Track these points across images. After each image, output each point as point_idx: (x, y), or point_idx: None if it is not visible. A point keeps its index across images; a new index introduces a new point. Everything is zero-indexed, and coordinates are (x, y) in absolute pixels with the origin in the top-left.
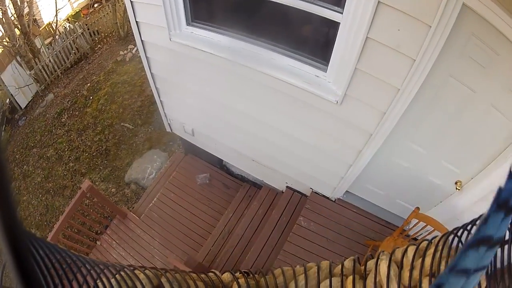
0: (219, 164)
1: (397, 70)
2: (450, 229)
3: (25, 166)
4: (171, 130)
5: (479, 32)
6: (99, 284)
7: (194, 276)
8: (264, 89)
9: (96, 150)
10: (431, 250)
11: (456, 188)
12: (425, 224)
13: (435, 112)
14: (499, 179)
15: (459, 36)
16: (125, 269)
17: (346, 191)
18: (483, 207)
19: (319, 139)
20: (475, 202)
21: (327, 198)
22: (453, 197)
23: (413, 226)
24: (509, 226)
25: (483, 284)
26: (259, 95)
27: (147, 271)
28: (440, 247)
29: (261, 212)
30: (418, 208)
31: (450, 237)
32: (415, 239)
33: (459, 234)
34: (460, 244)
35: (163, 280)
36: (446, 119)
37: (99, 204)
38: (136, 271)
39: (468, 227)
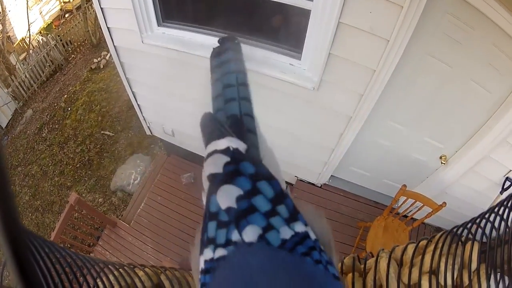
0: (203, 162)
1: (372, 52)
2: (439, 203)
3: (11, 186)
4: (151, 133)
5: (453, 9)
6: (99, 282)
7: None
8: None
9: (79, 162)
10: (431, 248)
11: (442, 163)
12: (414, 200)
13: (414, 90)
14: (484, 150)
15: (433, 15)
16: (125, 267)
17: (332, 175)
18: (471, 179)
19: (299, 127)
20: (462, 174)
21: (313, 184)
22: (439, 171)
23: (402, 204)
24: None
25: (483, 284)
26: None
27: (146, 269)
28: (440, 245)
29: None
30: (405, 186)
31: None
32: (406, 216)
33: (459, 232)
34: (460, 242)
35: (163, 277)
36: (426, 96)
37: (88, 216)
38: (136, 269)
39: (468, 226)
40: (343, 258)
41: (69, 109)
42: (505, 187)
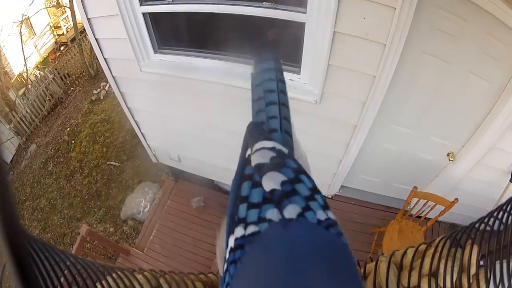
0: (211, 185)
1: (370, 58)
2: (451, 200)
3: (21, 221)
4: (157, 160)
5: (445, 4)
6: (98, 286)
7: (193, 277)
8: (242, 102)
9: (87, 193)
10: (431, 251)
11: (449, 160)
12: (426, 200)
13: (415, 90)
14: (491, 140)
15: (426, 12)
16: (124, 271)
17: (342, 185)
18: (480, 171)
19: (306, 141)
20: (471, 168)
21: (324, 196)
22: (448, 168)
23: (414, 205)
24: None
25: (483, 286)
26: (238, 109)
27: (145, 273)
28: (439, 248)
29: None
30: (415, 187)
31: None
32: (419, 217)
33: (458, 236)
34: (459, 247)
35: (162, 281)
36: (427, 95)
37: (100, 246)
38: (134, 273)
39: (467, 230)
40: None
41: (73, 142)
42: None
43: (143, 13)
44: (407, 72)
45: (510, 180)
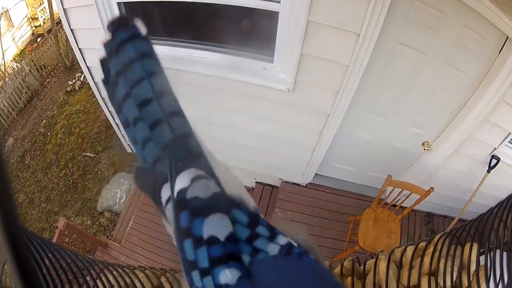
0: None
1: (344, 47)
2: (427, 188)
3: (11, 185)
4: (132, 150)
5: None
6: (99, 283)
7: None
8: (214, 91)
9: (64, 186)
10: (430, 250)
11: (424, 149)
12: (401, 189)
13: (390, 80)
14: (467, 131)
15: (402, 3)
16: (125, 269)
17: (316, 174)
18: (456, 161)
19: (279, 129)
20: (446, 158)
21: (298, 184)
22: (424, 158)
23: (389, 194)
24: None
25: (483, 285)
26: (211, 99)
27: (146, 271)
28: (439, 247)
29: None
30: (390, 176)
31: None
32: (394, 205)
33: (457, 234)
34: (458, 245)
35: (163, 280)
36: (402, 85)
37: (79, 239)
38: (136, 271)
39: (467, 228)
40: (343, 261)
41: (49, 134)
42: (491, 165)
43: (117, 3)
44: (382, 62)
45: (487, 171)
